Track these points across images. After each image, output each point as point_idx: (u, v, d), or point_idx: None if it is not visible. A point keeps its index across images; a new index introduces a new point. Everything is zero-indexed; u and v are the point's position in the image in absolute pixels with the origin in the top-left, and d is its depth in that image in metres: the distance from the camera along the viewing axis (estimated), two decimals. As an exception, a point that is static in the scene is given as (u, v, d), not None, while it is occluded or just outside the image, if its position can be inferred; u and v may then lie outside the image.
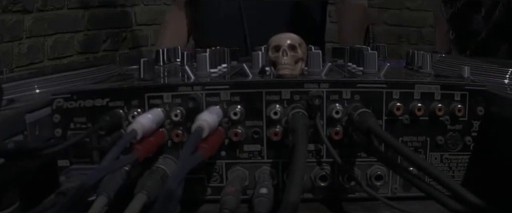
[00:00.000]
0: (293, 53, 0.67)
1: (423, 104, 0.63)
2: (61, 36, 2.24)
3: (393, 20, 3.38)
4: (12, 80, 0.80)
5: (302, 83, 0.62)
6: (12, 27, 1.98)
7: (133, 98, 0.63)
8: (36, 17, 2.10)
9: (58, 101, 0.64)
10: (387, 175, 0.64)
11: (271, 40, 0.69)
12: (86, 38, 2.41)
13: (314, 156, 0.64)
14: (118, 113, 0.63)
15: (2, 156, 0.57)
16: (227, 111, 0.62)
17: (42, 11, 2.13)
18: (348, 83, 0.63)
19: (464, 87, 0.64)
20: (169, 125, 0.63)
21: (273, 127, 0.62)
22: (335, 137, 0.62)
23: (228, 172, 0.64)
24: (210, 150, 0.52)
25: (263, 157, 0.64)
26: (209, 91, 0.62)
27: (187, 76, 0.68)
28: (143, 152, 0.54)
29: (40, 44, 2.13)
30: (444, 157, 0.65)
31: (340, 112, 0.62)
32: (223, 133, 0.61)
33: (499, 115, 0.62)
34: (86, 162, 0.64)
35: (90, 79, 0.84)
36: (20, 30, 2.02)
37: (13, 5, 1.97)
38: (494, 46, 1.73)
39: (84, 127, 0.64)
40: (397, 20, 3.40)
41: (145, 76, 0.69)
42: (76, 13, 2.33)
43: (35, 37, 2.10)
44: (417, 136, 0.64)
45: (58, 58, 2.22)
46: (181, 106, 0.62)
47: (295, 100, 0.62)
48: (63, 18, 2.25)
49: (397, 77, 0.71)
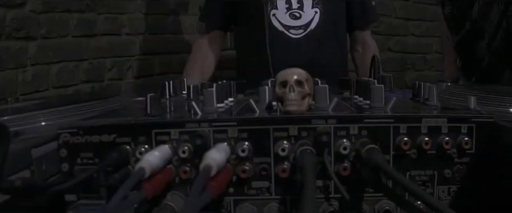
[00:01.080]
0: (300, 88, 0.67)
1: (430, 138, 0.62)
2: (66, 64, 2.25)
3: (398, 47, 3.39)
4: (17, 112, 0.80)
5: (310, 119, 0.62)
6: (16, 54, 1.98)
7: (141, 134, 0.63)
8: (41, 45, 2.11)
9: (65, 135, 0.64)
10: (395, 210, 0.63)
11: (278, 75, 0.69)
12: (91, 66, 2.41)
13: (322, 192, 0.63)
14: (125, 149, 0.63)
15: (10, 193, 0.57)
16: (235, 148, 0.62)
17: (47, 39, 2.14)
18: (355, 119, 0.63)
19: (471, 119, 0.64)
20: (177, 162, 0.63)
21: (281, 164, 0.62)
22: (343, 173, 0.62)
23: (236, 208, 0.64)
24: (218, 188, 0.52)
25: (271, 193, 0.63)
26: (217, 128, 0.62)
27: (194, 112, 0.68)
28: (151, 190, 0.54)
29: (45, 72, 2.13)
30: (451, 190, 0.65)
31: (347, 148, 0.62)
32: (231, 170, 0.61)
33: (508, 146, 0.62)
34: (94, 198, 0.64)
35: (96, 111, 0.84)
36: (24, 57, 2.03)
37: (17, 31, 1.97)
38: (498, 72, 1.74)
39: (91, 163, 0.64)
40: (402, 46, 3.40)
41: (152, 112, 0.69)
42: (80, 41, 2.34)
43: (40, 65, 2.10)
44: (424, 170, 0.64)
45: (63, 87, 2.22)
46: (189, 143, 0.62)
47: (302, 136, 0.62)
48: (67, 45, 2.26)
49: (404, 110, 0.71)
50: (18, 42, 1.99)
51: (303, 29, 1.90)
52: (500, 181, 0.63)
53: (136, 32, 2.70)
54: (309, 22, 1.91)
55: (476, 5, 1.79)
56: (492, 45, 1.73)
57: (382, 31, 3.09)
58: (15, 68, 1.97)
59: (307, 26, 1.91)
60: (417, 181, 0.64)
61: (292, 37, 1.89)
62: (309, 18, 1.91)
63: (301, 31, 1.90)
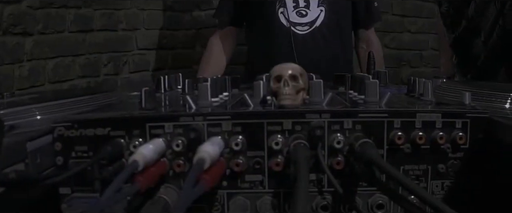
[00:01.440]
0: (294, 83, 0.67)
1: (425, 133, 0.63)
2: (62, 59, 2.24)
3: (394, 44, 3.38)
4: (13, 106, 0.80)
5: (304, 114, 0.63)
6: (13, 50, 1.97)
7: (135, 127, 0.63)
8: (37, 40, 2.10)
9: (59, 129, 0.64)
10: (389, 204, 0.64)
11: (272, 70, 0.69)
12: (87, 61, 2.41)
13: (315, 185, 0.64)
14: (119, 142, 0.63)
15: (4, 185, 0.57)
16: (229, 141, 0.62)
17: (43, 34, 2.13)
18: (349, 113, 0.63)
19: (466, 114, 0.64)
20: (171, 155, 0.63)
21: (275, 158, 0.62)
22: (337, 167, 0.62)
23: (229, 202, 0.64)
24: (211, 181, 0.52)
25: (264, 187, 0.63)
26: (211, 122, 0.63)
27: (189, 105, 0.68)
28: (144, 183, 0.54)
29: (41, 67, 2.13)
30: (445, 184, 0.65)
31: (341, 142, 0.62)
32: (224, 163, 0.61)
33: (501, 142, 0.62)
34: (88, 191, 0.64)
35: (91, 106, 0.84)
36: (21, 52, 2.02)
37: (14, 27, 1.97)
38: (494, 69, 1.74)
39: (86, 156, 0.64)
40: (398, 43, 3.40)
41: (146, 105, 0.69)
42: (77, 37, 2.34)
43: (36, 60, 2.10)
44: (418, 164, 0.64)
45: (59, 82, 2.21)
46: (183, 136, 0.62)
47: (296, 130, 0.62)
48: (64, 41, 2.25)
49: (399, 105, 0.70)
50: (15, 37, 1.99)
51: (308, 26, 1.96)
52: (494, 176, 0.63)
53: (132, 28, 2.70)
54: (315, 19, 1.96)
55: (472, 3, 1.80)
56: (488, 42, 1.73)
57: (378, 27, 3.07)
58: (11, 63, 1.97)
59: (312, 23, 1.96)
60: (411, 175, 0.64)
61: (298, 33, 1.94)
62: (315, 15, 1.96)
63: (307, 28, 1.95)
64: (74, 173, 0.60)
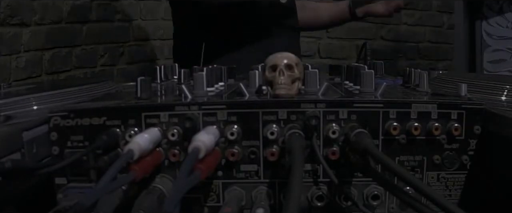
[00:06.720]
0: (290, 72, 0.67)
1: (420, 124, 0.63)
2: (58, 50, 2.24)
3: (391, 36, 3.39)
4: (9, 96, 0.80)
5: (299, 103, 0.63)
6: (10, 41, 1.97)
7: (130, 117, 0.63)
8: (34, 31, 2.10)
9: (55, 119, 0.64)
10: (384, 195, 0.64)
11: (268, 59, 0.69)
12: (84, 52, 2.40)
13: (311, 176, 0.64)
14: (115, 132, 0.63)
15: None
16: (224, 131, 0.62)
17: (40, 25, 2.13)
18: (345, 103, 0.63)
19: (461, 106, 0.64)
20: (166, 145, 0.63)
21: (270, 147, 0.62)
22: (332, 157, 0.62)
23: (224, 192, 0.64)
24: (206, 170, 0.52)
25: (259, 177, 0.64)
26: (206, 111, 0.63)
27: (184, 95, 0.68)
28: (139, 172, 0.54)
29: (38, 58, 2.12)
30: (441, 176, 0.65)
31: (336, 132, 0.62)
32: (219, 153, 0.61)
33: (497, 134, 0.62)
34: (84, 180, 0.64)
35: (87, 96, 0.84)
36: (18, 43, 2.02)
37: (11, 18, 1.96)
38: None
39: (82, 145, 0.64)
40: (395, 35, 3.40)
41: (142, 95, 0.69)
42: (73, 28, 2.33)
43: (33, 51, 2.10)
44: (413, 155, 0.64)
45: (56, 73, 2.21)
46: (178, 126, 0.62)
47: (291, 120, 0.62)
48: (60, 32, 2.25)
49: (394, 96, 0.71)
50: (12, 28, 1.99)
51: None
52: (490, 168, 0.63)
53: (129, 19, 2.70)
54: None
55: None
56: None
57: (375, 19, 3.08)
58: (8, 54, 1.97)
59: None
60: (406, 166, 0.64)
61: None
62: None
63: None
64: (69, 162, 0.60)
